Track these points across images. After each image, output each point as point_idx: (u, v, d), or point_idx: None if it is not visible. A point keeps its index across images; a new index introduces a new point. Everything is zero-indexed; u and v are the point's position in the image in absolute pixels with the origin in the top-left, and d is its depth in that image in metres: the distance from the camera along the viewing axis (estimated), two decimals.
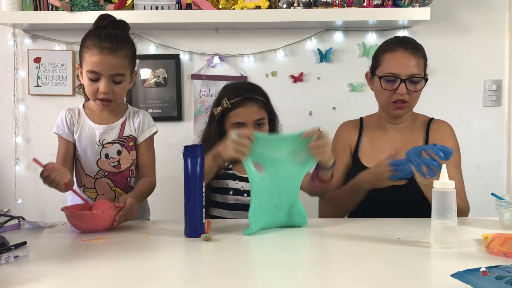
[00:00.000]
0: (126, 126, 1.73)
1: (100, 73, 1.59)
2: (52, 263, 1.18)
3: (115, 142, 1.71)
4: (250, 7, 2.40)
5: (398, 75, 1.72)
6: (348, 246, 1.33)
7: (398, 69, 1.72)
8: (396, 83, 1.72)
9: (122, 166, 1.71)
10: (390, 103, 1.76)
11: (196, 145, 1.44)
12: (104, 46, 1.58)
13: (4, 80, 2.62)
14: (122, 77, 1.63)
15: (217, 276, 1.10)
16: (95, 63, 1.58)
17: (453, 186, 1.27)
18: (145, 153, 1.74)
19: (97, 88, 1.61)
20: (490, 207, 1.56)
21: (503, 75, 2.61)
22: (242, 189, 1.78)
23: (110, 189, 1.71)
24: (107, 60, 1.58)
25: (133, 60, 1.69)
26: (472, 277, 0.91)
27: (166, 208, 2.00)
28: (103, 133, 1.69)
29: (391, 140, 1.82)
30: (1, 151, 2.64)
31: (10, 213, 1.67)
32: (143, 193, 1.70)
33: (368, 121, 1.90)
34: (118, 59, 1.60)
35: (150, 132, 1.75)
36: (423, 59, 1.77)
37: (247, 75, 2.60)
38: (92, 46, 1.59)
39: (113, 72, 1.60)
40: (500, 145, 2.63)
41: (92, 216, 1.47)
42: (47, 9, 2.46)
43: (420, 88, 1.75)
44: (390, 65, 1.74)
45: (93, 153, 1.69)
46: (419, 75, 1.73)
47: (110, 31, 1.62)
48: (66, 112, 1.72)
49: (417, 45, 1.77)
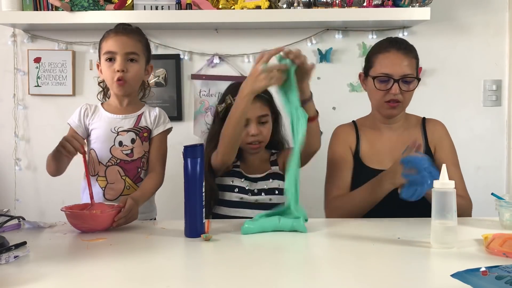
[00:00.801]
0: (142, 118, 1.79)
1: (115, 51, 1.70)
2: (52, 263, 1.18)
3: (130, 131, 1.76)
4: (250, 7, 2.40)
5: (391, 75, 1.73)
6: (348, 246, 1.33)
7: (391, 69, 1.74)
8: (389, 83, 1.74)
9: (135, 155, 1.76)
10: (383, 103, 1.77)
11: (196, 145, 1.44)
12: (118, 32, 1.73)
13: (4, 80, 2.62)
14: (136, 55, 1.73)
15: (217, 276, 1.10)
16: (111, 44, 1.71)
17: (453, 186, 1.27)
18: (157, 147, 1.79)
19: (113, 68, 1.70)
20: (490, 207, 1.56)
21: (503, 75, 2.61)
22: (247, 188, 1.79)
23: (120, 177, 1.75)
24: (121, 40, 1.71)
25: (147, 50, 1.81)
26: (472, 277, 0.91)
27: (166, 208, 2.00)
28: (119, 122, 1.77)
29: (388, 140, 1.83)
30: (1, 151, 2.64)
31: (10, 213, 1.67)
32: (149, 190, 1.72)
33: (362, 123, 1.91)
34: (132, 41, 1.73)
35: (165, 127, 1.81)
36: (415, 60, 1.79)
37: (247, 75, 2.59)
38: (108, 34, 1.74)
39: (127, 50, 1.71)
40: (500, 145, 2.63)
41: (91, 216, 1.48)
42: (47, 9, 2.46)
43: (413, 88, 1.76)
44: (383, 65, 1.76)
45: (106, 140, 1.75)
46: (412, 75, 1.75)
47: (123, 26, 1.78)
48: (82, 106, 1.82)
49: (409, 46, 1.79)
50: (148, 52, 1.81)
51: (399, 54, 1.75)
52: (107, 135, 1.75)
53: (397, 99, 1.75)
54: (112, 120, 1.77)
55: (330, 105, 2.60)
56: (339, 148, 1.86)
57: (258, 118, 1.76)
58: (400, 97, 1.75)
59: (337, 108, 2.60)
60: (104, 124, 1.77)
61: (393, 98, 1.75)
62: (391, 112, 1.79)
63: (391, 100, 1.75)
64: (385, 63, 1.76)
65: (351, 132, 1.89)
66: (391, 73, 1.74)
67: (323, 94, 2.59)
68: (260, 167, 1.84)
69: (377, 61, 1.78)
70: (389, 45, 1.78)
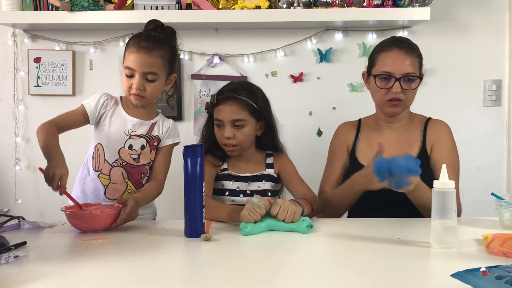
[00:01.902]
0: (155, 127, 1.79)
1: (134, 69, 1.68)
2: (52, 263, 1.18)
3: (142, 137, 1.76)
4: (250, 7, 2.40)
5: (393, 73, 1.74)
6: (348, 246, 1.33)
7: (392, 68, 1.74)
8: (391, 82, 1.75)
9: (141, 161, 1.76)
10: (385, 101, 1.78)
11: (196, 145, 1.44)
12: (141, 45, 1.67)
13: (4, 80, 2.62)
14: (155, 76, 1.69)
15: (217, 276, 1.10)
16: (131, 60, 1.68)
17: (453, 186, 1.27)
18: (162, 158, 1.79)
19: (131, 84, 1.69)
20: (490, 207, 1.56)
21: (503, 75, 2.61)
22: (238, 189, 1.78)
23: (123, 179, 1.75)
24: (141, 58, 1.67)
25: (170, 62, 1.75)
26: (472, 277, 0.91)
27: (166, 208, 2.00)
28: (134, 125, 1.76)
29: (387, 140, 1.82)
30: (1, 151, 2.64)
31: (10, 213, 1.67)
32: (150, 195, 1.73)
33: (365, 122, 1.92)
34: (153, 59, 1.68)
35: (174, 140, 1.81)
36: (418, 59, 1.79)
37: (247, 75, 2.60)
38: (131, 45, 1.69)
39: (146, 70, 1.68)
40: (500, 145, 2.63)
41: (91, 216, 1.48)
42: (47, 9, 2.45)
43: (415, 86, 1.77)
44: (384, 64, 1.76)
45: (118, 140, 1.74)
46: (414, 73, 1.75)
47: (150, 33, 1.71)
48: (104, 95, 1.78)
49: (412, 45, 1.80)
50: (172, 63, 1.76)
51: (401, 53, 1.76)
52: (120, 135, 1.74)
53: (399, 97, 1.75)
54: (128, 122, 1.76)
55: (330, 105, 2.60)
56: (335, 145, 1.92)
57: (232, 121, 1.74)
58: (402, 95, 1.75)
59: (337, 108, 2.60)
60: (119, 124, 1.75)
61: (394, 97, 1.75)
62: (393, 110, 1.79)
63: (392, 98, 1.76)
64: (387, 62, 1.76)
65: (352, 131, 1.90)
66: (393, 71, 1.74)
67: (323, 94, 2.61)
68: (253, 168, 1.82)
69: (379, 59, 1.79)
70: (392, 44, 1.79)
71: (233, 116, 1.73)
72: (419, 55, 1.80)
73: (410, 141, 1.83)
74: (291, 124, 2.53)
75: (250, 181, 1.79)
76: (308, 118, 2.62)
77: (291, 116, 2.54)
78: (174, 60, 1.77)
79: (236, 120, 1.74)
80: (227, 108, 1.74)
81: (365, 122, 1.92)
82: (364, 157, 1.82)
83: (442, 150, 1.79)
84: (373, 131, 1.88)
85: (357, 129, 1.90)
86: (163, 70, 1.72)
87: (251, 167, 1.82)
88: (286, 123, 1.93)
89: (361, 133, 1.89)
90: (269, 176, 1.82)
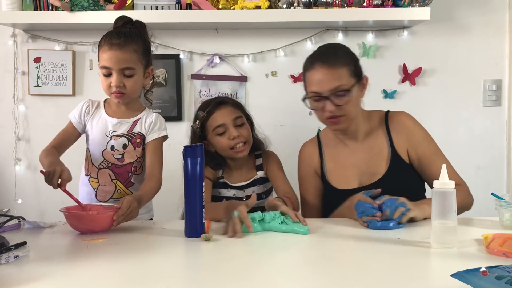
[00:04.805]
0: (137, 124, 1.78)
1: (111, 67, 1.68)
2: (52, 263, 1.18)
3: (123, 136, 1.76)
4: (250, 7, 2.40)
5: (320, 93, 1.63)
6: (348, 246, 1.33)
7: (319, 87, 1.64)
8: (322, 101, 1.65)
9: (126, 160, 1.76)
10: (325, 120, 1.69)
11: (196, 145, 1.44)
12: (113, 43, 1.68)
13: (4, 80, 2.62)
14: (132, 70, 1.70)
15: (217, 276, 1.10)
16: (106, 59, 1.68)
17: (453, 186, 1.27)
18: (152, 154, 1.77)
19: (110, 82, 1.69)
20: (490, 207, 1.56)
21: (503, 75, 2.61)
22: (234, 196, 1.81)
23: (111, 181, 1.75)
24: (116, 55, 1.67)
25: (145, 55, 1.75)
26: (472, 277, 0.91)
27: (166, 208, 2.00)
28: (114, 126, 1.77)
29: (352, 153, 1.76)
30: (1, 151, 2.64)
31: (10, 213, 1.67)
32: (149, 192, 1.71)
33: (325, 137, 1.84)
34: (127, 54, 1.68)
35: (159, 134, 1.79)
36: (347, 66, 1.65)
37: (247, 75, 2.60)
38: (104, 44, 1.70)
39: (122, 66, 1.68)
40: (500, 145, 2.63)
41: (89, 217, 1.48)
42: (47, 9, 2.46)
43: (350, 98, 1.64)
44: (312, 83, 1.66)
45: (100, 143, 1.75)
46: (343, 85, 1.62)
47: (121, 29, 1.72)
48: (85, 102, 1.81)
49: (335, 53, 1.68)
50: (147, 56, 1.76)
51: (323, 69, 1.63)
52: (102, 138, 1.75)
53: (336, 115, 1.64)
54: (108, 124, 1.77)
55: None
56: (303, 172, 1.84)
57: (233, 121, 1.78)
58: (339, 111, 1.64)
59: None
60: (100, 126, 1.76)
61: (330, 115, 1.65)
62: (337, 127, 1.70)
63: (330, 117, 1.66)
64: (312, 81, 1.66)
65: (314, 151, 1.82)
66: (320, 90, 1.63)
67: None
68: (245, 175, 1.85)
69: (306, 79, 1.69)
70: (314, 60, 1.67)
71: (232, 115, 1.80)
72: (348, 62, 1.66)
73: (376, 145, 1.74)
74: (291, 124, 2.53)
75: (244, 189, 1.84)
76: (308, 118, 2.58)
77: (291, 116, 2.53)
78: (149, 53, 1.78)
79: (237, 118, 1.79)
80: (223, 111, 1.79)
81: (324, 138, 1.83)
82: (336, 179, 1.75)
83: (420, 143, 1.72)
84: (336, 147, 1.79)
85: (319, 147, 1.82)
86: (139, 64, 1.72)
87: (244, 174, 1.85)
88: (286, 123, 1.93)
89: (324, 151, 1.81)
90: (261, 179, 1.86)
